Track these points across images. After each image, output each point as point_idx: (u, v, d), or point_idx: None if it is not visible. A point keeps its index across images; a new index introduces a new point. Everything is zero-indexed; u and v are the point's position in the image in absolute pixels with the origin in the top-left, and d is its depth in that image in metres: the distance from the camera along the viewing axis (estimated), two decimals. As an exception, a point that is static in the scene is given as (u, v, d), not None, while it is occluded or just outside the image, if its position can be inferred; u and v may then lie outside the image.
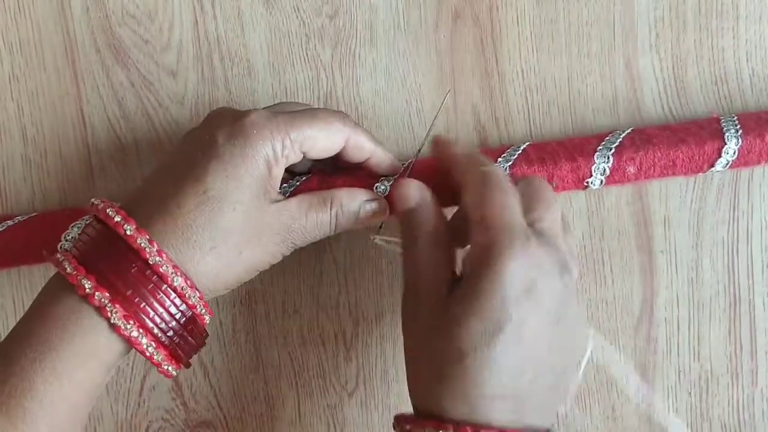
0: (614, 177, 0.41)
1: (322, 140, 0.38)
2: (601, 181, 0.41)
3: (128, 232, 0.34)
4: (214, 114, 0.39)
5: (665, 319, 0.46)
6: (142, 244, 0.34)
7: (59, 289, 0.35)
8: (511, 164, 0.41)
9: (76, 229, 0.40)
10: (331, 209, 0.39)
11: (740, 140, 0.41)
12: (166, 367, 0.36)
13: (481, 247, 0.35)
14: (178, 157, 0.38)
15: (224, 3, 0.46)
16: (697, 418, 0.46)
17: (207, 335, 0.38)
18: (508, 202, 0.36)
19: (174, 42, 0.46)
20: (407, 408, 0.48)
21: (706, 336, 0.46)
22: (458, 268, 0.39)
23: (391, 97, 0.46)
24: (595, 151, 0.41)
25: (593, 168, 0.41)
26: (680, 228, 0.46)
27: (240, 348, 0.47)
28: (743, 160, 0.41)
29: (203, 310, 0.36)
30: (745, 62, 0.45)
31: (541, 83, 0.45)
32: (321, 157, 0.39)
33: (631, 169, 0.41)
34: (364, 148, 0.39)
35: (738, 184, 0.45)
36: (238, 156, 0.36)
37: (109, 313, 0.34)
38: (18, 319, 0.36)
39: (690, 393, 0.46)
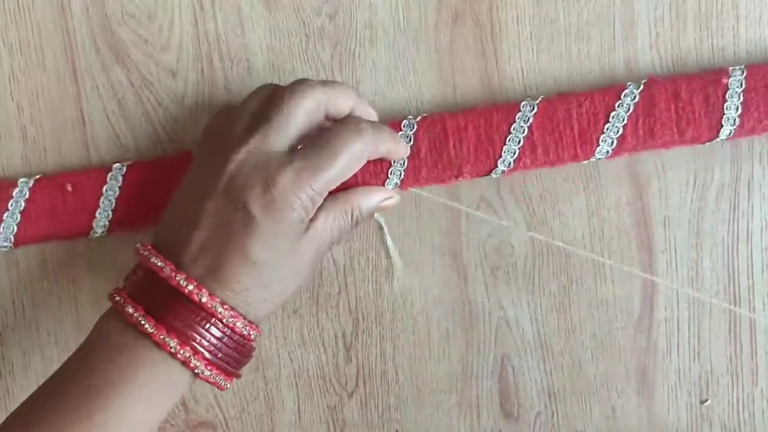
0: (608, 157, 0.44)
1: (347, 174, 0.40)
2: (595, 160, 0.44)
3: (203, 300, 0.38)
4: (240, 168, 0.39)
5: (665, 319, 0.46)
6: (218, 309, 0.38)
7: (135, 336, 0.38)
8: (517, 157, 0.43)
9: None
10: (351, 217, 0.42)
11: (733, 132, 0.42)
12: (223, 383, 0.40)
13: None
14: (212, 208, 0.39)
15: (224, 3, 0.46)
16: (697, 418, 0.46)
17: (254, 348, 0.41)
18: None
19: (174, 42, 0.46)
20: (406, 408, 0.48)
21: (706, 336, 0.46)
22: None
23: (391, 97, 0.46)
24: (597, 144, 0.43)
25: (591, 158, 0.43)
26: (680, 228, 0.46)
27: (240, 348, 0.47)
28: (732, 138, 0.43)
29: (256, 336, 0.40)
30: (745, 62, 0.45)
31: (541, 83, 0.45)
32: None
33: (625, 154, 0.43)
34: (381, 153, 0.42)
35: (738, 184, 0.45)
36: (275, 229, 0.38)
37: (194, 367, 0.38)
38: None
39: (690, 393, 0.46)
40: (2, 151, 0.47)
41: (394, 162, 0.43)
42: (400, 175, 0.44)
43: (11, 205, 0.45)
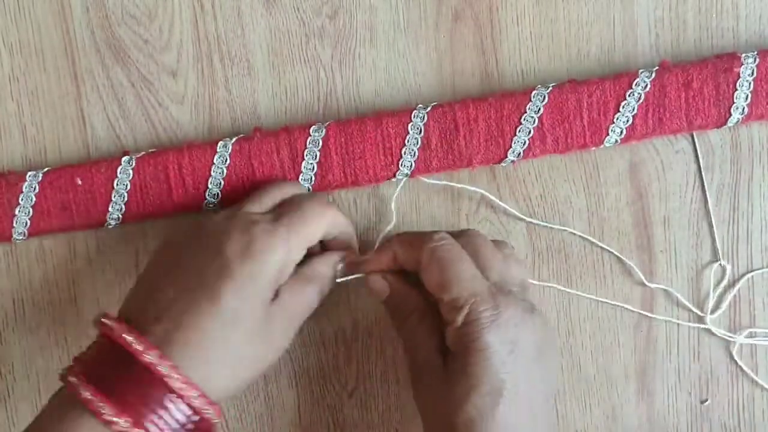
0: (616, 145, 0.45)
1: (318, 234, 0.41)
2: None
3: (149, 359, 0.35)
4: (217, 223, 0.40)
5: (665, 319, 0.46)
6: (164, 371, 0.35)
7: (81, 413, 0.35)
8: (526, 147, 0.44)
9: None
10: (314, 285, 0.41)
11: (740, 120, 0.43)
12: None
13: (456, 326, 0.38)
14: (185, 264, 0.39)
15: (224, 3, 0.46)
16: (697, 418, 0.46)
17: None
18: (464, 274, 0.38)
19: (174, 42, 0.46)
20: (406, 408, 0.48)
21: (705, 336, 0.46)
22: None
23: (391, 97, 0.46)
24: (607, 133, 0.43)
25: (599, 147, 0.44)
26: (680, 228, 0.46)
27: (240, 348, 0.47)
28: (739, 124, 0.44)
29: (216, 419, 0.38)
30: (745, 62, 0.45)
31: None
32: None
33: (633, 142, 0.44)
34: (340, 228, 0.43)
35: (738, 184, 0.45)
36: (248, 277, 0.37)
37: None
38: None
39: (690, 393, 0.46)
40: (2, 151, 0.47)
41: (404, 153, 0.44)
42: (411, 165, 0.44)
43: (22, 199, 0.45)
